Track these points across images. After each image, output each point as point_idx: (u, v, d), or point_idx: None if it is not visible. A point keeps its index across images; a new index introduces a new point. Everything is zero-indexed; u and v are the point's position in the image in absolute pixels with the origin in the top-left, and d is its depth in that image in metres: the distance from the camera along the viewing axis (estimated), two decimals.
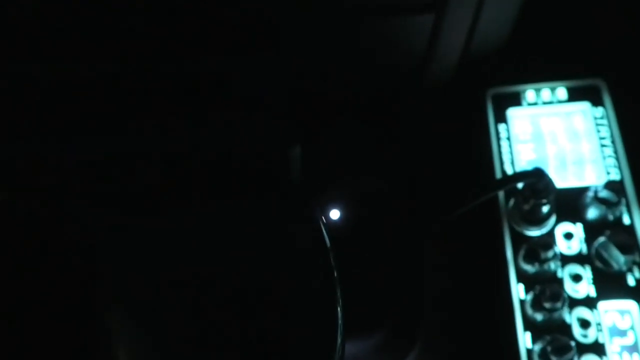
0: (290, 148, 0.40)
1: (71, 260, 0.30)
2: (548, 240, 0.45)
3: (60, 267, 0.30)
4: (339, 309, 0.30)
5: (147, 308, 0.29)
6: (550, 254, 0.44)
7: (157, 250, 0.31)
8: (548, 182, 0.43)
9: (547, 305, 0.42)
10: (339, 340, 0.30)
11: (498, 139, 0.51)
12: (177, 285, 0.30)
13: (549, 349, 0.41)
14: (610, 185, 0.45)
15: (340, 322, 0.30)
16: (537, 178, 0.43)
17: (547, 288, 0.43)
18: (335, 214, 0.52)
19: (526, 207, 0.46)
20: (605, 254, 0.44)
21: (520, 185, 0.46)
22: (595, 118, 0.50)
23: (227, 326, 0.29)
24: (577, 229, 0.46)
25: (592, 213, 0.46)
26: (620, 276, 0.44)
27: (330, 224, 0.51)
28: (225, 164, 0.33)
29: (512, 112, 0.52)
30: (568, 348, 0.41)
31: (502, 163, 0.50)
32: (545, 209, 0.45)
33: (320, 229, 0.31)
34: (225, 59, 0.45)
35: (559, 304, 0.42)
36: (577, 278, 0.44)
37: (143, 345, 0.29)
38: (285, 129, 0.42)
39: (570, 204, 0.47)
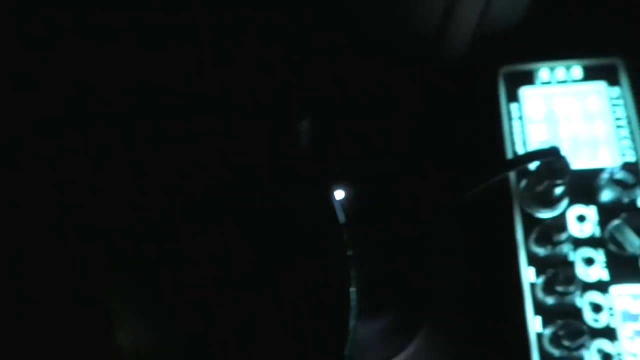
0: (299, 122, 0.38)
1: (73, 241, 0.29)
2: (561, 222, 0.44)
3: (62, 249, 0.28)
4: (352, 290, 0.29)
5: (151, 288, 0.28)
6: (563, 236, 0.43)
7: (163, 228, 0.29)
8: (565, 161, 0.42)
9: (560, 289, 0.41)
10: (351, 323, 0.28)
11: (509, 118, 0.49)
12: (181, 262, 0.29)
13: (561, 333, 0.40)
14: (626, 167, 0.44)
15: (354, 303, 0.28)
16: (554, 157, 0.41)
17: (560, 271, 0.42)
18: (339, 195, 0.50)
19: (539, 188, 0.44)
20: (620, 237, 0.43)
21: (533, 165, 0.45)
22: (611, 98, 0.49)
23: (236, 305, 0.27)
24: (590, 212, 0.45)
25: (606, 195, 0.45)
26: (634, 260, 0.43)
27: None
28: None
29: (524, 91, 0.50)
30: (582, 333, 0.40)
31: (513, 143, 0.49)
32: (558, 190, 0.44)
33: (333, 204, 0.30)
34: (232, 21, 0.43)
35: (572, 288, 0.41)
36: (589, 261, 0.43)
37: (145, 328, 0.27)
38: (295, 103, 0.40)
39: (583, 186, 0.46)
